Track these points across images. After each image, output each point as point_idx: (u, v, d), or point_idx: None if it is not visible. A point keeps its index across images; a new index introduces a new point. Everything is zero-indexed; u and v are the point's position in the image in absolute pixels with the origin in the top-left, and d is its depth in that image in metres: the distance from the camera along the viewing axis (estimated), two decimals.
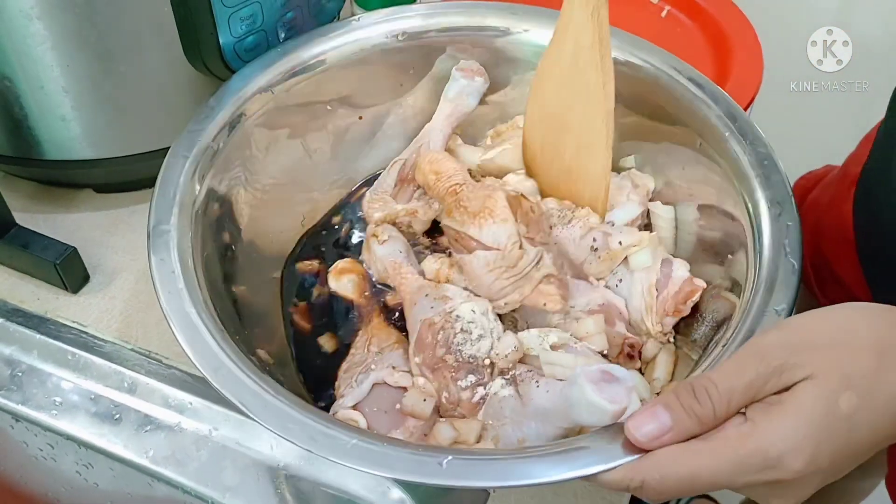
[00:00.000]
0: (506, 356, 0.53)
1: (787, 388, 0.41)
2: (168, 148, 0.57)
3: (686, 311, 0.57)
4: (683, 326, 0.58)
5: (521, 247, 0.55)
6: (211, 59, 0.61)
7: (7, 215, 0.64)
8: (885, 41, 1.59)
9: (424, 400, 0.53)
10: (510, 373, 0.53)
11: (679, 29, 0.85)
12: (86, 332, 0.63)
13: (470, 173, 0.67)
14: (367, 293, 0.61)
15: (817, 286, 0.81)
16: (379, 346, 0.57)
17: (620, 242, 0.57)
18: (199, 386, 0.59)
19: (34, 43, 0.57)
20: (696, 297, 0.56)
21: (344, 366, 0.58)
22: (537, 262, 0.56)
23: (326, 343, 0.60)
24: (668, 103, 0.61)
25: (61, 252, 0.63)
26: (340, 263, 0.63)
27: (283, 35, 0.63)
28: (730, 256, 0.56)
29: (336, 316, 0.61)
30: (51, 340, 0.62)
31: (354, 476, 0.56)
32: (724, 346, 0.48)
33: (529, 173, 0.64)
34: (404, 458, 0.43)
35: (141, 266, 0.66)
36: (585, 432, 0.49)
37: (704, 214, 0.60)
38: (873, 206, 0.70)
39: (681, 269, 0.57)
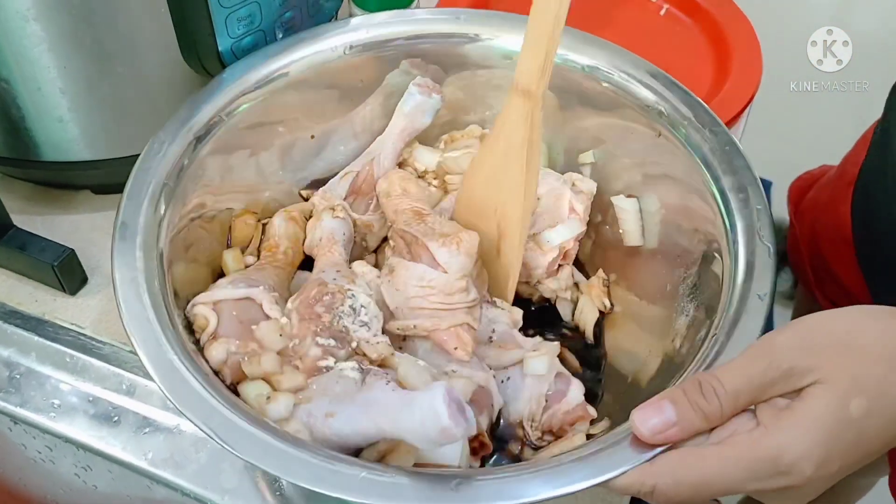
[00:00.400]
0: (377, 344, 0.52)
1: (796, 391, 0.41)
2: None
3: (571, 435, 0.55)
4: None
5: (466, 284, 0.54)
6: (208, 60, 0.60)
7: (5, 217, 0.64)
8: (885, 41, 1.59)
9: (280, 335, 0.52)
10: (366, 364, 0.52)
11: (678, 27, 0.85)
12: (84, 334, 0.63)
13: (424, 175, 0.66)
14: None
15: (816, 286, 0.81)
16: (275, 278, 0.57)
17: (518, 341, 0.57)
18: None
19: (31, 44, 0.57)
20: (584, 426, 0.55)
21: (232, 275, 0.57)
22: (470, 307, 0.55)
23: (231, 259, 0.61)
24: (624, 97, 0.61)
25: (59, 254, 0.63)
26: (294, 209, 0.63)
27: (280, 35, 0.63)
28: (703, 246, 0.56)
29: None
30: (49, 342, 0.62)
31: None
32: (713, 338, 0.48)
33: None
34: (415, 487, 0.43)
35: None
36: (391, 450, 0.49)
37: (672, 205, 0.60)
38: (871, 205, 0.69)
39: (576, 391, 0.55)
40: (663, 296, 0.59)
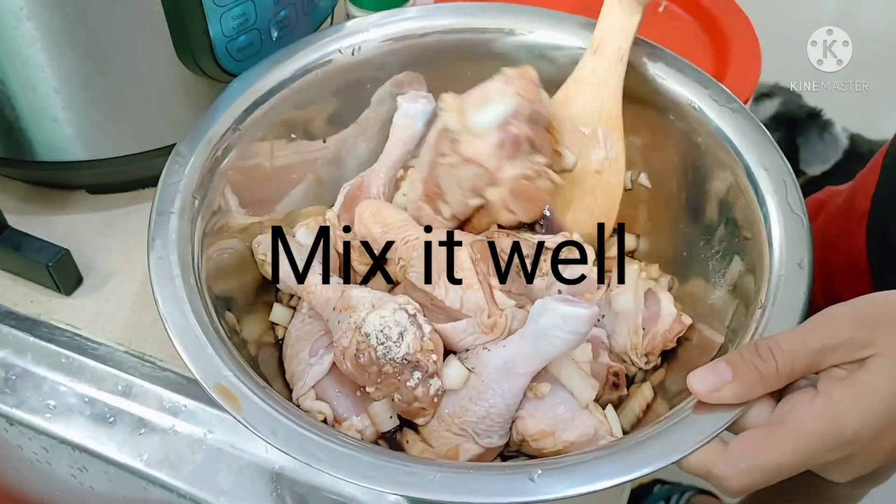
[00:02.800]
0: (429, 341, 0.50)
1: (854, 362, 0.42)
2: (162, 148, 0.56)
3: (673, 345, 0.57)
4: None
5: (489, 315, 0.51)
6: (203, 59, 0.60)
7: None
8: (886, 41, 1.59)
9: (391, 417, 0.53)
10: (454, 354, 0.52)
11: (676, 24, 0.85)
12: (79, 335, 0.63)
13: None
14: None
15: None
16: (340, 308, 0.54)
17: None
18: (193, 388, 0.59)
19: (24, 44, 0.57)
20: (682, 332, 0.57)
21: (294, 332, 0.56)
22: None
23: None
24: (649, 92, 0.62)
25: (54, 254, 0.63)
26: (310, 221, 0.61)
27: (276, 34, 0.63)
28: (733, 216, 0.57)
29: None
30: (44, 343, 0.62)
31: None
32: (759, 308, 0.48)
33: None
34: (494, 482, 0.43)
35: (134, 268, 0.66)
36: (548, 374, 0.50)
37: (695, 184, 0.61)
38: (889, 234, 0.68)
39: (668, 305, 0.57)
40: (694, 262, 0.60)
